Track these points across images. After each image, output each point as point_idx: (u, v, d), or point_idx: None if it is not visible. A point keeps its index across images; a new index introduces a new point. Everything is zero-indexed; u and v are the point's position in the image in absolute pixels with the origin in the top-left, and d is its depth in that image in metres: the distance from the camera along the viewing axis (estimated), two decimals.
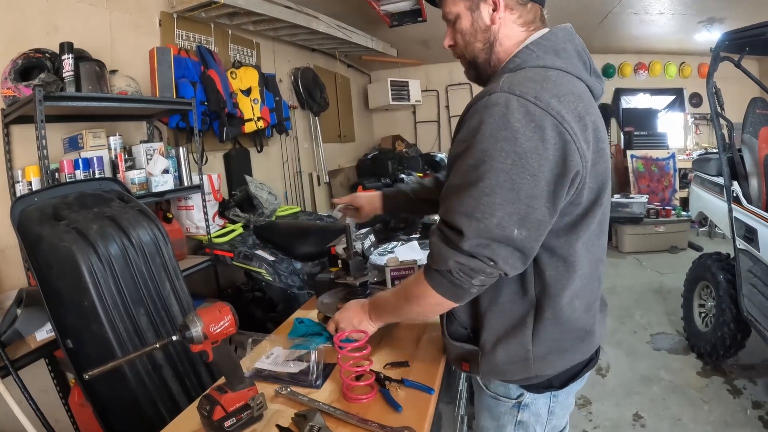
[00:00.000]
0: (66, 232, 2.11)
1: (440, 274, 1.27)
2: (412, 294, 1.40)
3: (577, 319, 1.38)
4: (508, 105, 1.14)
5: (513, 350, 1.36)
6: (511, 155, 1.12)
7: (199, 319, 1.24)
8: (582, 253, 1.31)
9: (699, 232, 8.49)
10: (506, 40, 1.35)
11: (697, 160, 4.82)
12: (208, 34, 4.76)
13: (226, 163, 5.06)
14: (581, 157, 1.18)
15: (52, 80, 2.70)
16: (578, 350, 1.43)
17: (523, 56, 1.29)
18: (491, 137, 1.14)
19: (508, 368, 1.40)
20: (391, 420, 1.30)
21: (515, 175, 1.13)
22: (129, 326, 2.13)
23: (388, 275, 2.25)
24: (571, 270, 1.31)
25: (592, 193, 1.27)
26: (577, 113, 1.18)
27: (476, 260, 1.18)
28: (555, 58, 1.27)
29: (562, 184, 1.17)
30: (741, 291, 3.67)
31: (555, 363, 1.41)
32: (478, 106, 1.19)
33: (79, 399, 2.73)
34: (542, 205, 1.16)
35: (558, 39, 1.32)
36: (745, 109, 3.93)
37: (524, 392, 1.47)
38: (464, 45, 1.39)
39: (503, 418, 1.53)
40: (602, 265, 1.44)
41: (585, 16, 6.75)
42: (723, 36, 3.77)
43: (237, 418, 1.27)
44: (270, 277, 3.53)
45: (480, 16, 1.34)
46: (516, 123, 1.12)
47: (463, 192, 1.18)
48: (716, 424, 3.38)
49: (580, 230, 1.29)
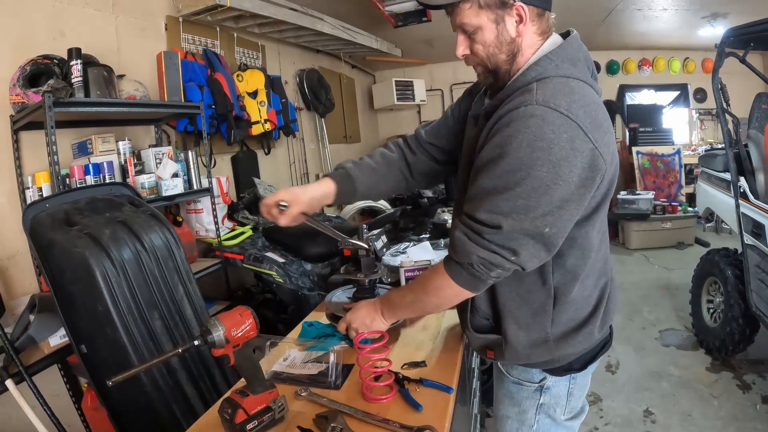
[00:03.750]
0: (78, 237, 2.13)
1: (461, 266, 1.35)
2: (432, 286, 1.46)
3: (588, 296, 1.49)
4: (544, 118, 1.21)
5: (534, 335, 1.46)
6: (546, 164, 1.20)
7: (221, 324, 1.25)
8: (595, 240, 1.43)
9: (706, 228, 8.48)
10: (527, 50, 1.38)
11: (704, 156, 4.81)
12: (213, 37, 4.78)
13: (234, 166, 5.07)
14: (604, 161, 1.26)
15: (61, 86, 2.71)
16: (593, 324, 1.49)
17: (543, 65, 1.33)
18: (528, 147, 1.20)
19: (531, 352, 1.48)
20: (411, 419, 1.30)
21: (549, 182, 1.20)
22: (143, 330, 2.15)
23: (403, 276, 2.26)
24: (587, 255, 1.42)
25: (605, 188, 1.35)
26: (599, 121, 1.26)
27: (497, 255, 1.27)
28: (572, 68, 1.33)
29: (590, 187, 1.26)
30: (749, 286, 3.67)
31: (573, 341, 1.48)
32: (513, 115, 1.25)
33: (92, 403, 2.74)
34: (572, 206, 1.26)
35: (573, 49, 1.37)
36: (751, 105, 3.93)
37: (547, 376, 1.56)
38: (486, 56, 1.40)
39: (525, 403, 1.62)
40: (606, 243, 1.55)
41: (589, 13, 6.76)
42: (728, 32, 3.77)
43: (259, 420, 1.28)
44: (280, 279, 3.54)
45: (505, 29, 1.35)
46: (551, 134, 1.19)
47: (499, 194, 1.24)
48: (726, 419, 3.38)
49: (594, 220, 1.40)
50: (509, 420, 1.67)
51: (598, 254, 1.47)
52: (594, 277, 1.48)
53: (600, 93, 1.40)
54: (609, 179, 1.34)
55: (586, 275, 1.44)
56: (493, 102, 1.38)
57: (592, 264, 1.45)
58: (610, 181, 1.35)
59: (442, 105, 9.75)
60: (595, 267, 1.48)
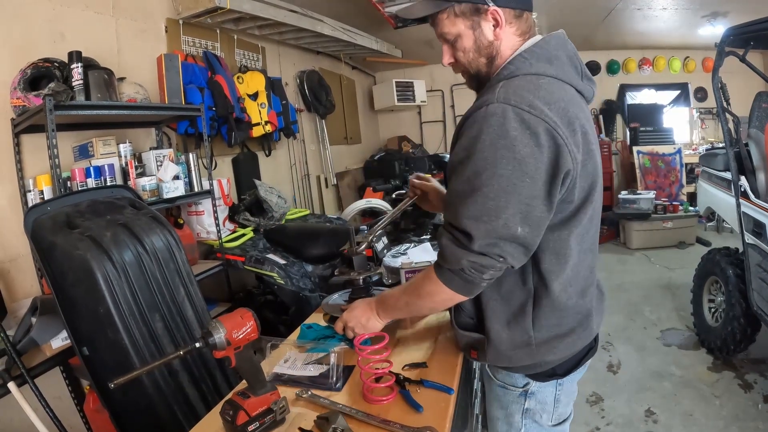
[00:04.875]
0: (80, 239, 2.13)
1: (452, 272, 1.35)
2: (424, 291, 1.47)
3: (574, 305, 1.46)
4: (505, 115, 1.22)
5: (516, 336, 1.45)
6: (511, 162, 1.21)
7: (222, 326, 1.25)
8: (573, 246, 1.40)
9: (707, 227, 8.46)
10: (506, 51, 1.40)
11: (704, 156, 4.81)
12: (214, 39, 4.79)
13: (235, 168, 5.07)
14: (572, 159, 1.26)
15: (62, 89, 2.71)
16: (577, 335, 1.49)
17: (516, 63, 1.35)
18: (491, 146, 1.22)
19: (512, 354, 1.47)
20: (412, 421, 1.30)
21: (516, 179, 1.22)
22: (145, 332, 2.15)
23: (403, 277, 2.26)
24: (562, 261, 1.40)
25: (583, 192, 1.35)
26: (567, 118, 1.26)
27: (487, 257, 1.27)
28: (547, 66, 1.34)
29: (556, 183, 1.26)
30: (750, 285, 3.67)
31: (556, 348, 1.47)
32: (476, 116, 1.27)
33: (93, 405, 2.75)
34: (540, 203, 1.26)
35: (551, 47, 1.38)
36: (751, 104, 3.93)
37: (530, 381, 1.56)
38: (467, 62, 1.44)
39: (511, 407, 1.62)
40: (593, 255, 1.53)
41: (589, 13, 6.77)
42: (728, 31, 3.77)
43: (260, 422, 1.28)
44: (281, 281, 3.54)
45: (482, 34, 1.38)
46: (513, 132, 1.21)
47: (468, 198, 1.26)
48: (728, 419, 3.38)
49: (572, 226, 1.38)
50: (499, 422, 1.68)
51: (582, 263, 1.46)
52: (580, 286, 1.48)
53: (587, 92, 1.41)
54: (587, 183, 1.35)
55: (568, 282, 1.43)
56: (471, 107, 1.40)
57: (574, 271, 1.44)
58: (590, 186, 1.36)
59: (443, 105, 9.77)
60: (580, 275, 1.47)
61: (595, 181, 1.37)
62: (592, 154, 1.35)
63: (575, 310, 1.47)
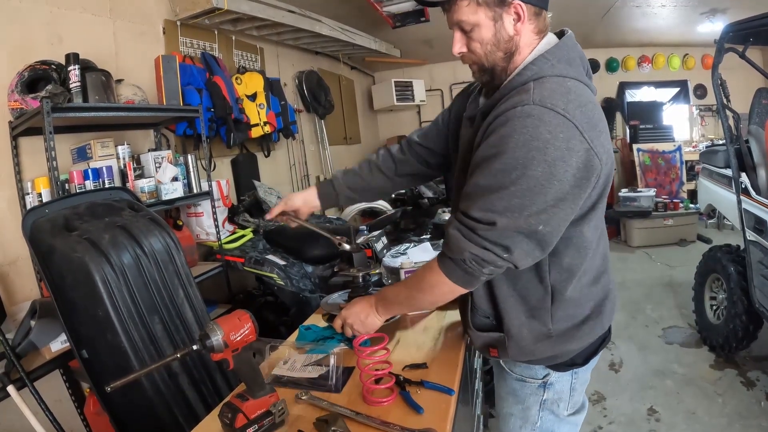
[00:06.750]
0: (78, 242, 2.12)
1: (454, 262, 1.36)
2: (426, 283, 1.48)
3: (588, 293, 1.50)
4: (541, 118, 1.21)
5: (536, 331, 1.48)
6: (542, 163, 1.20)
7: (219, 328, 1.24)
8: (590, 236, 1.44)
9: (707, 225, 8.45)
10: (525, 48, 1.39)
11: (705, 152, 4.81)
12: (212, 40, 4.77)
13: (234, 169, 5.07)
14: (599, 161, 1.27)
15: (60, 91, 2.70)
16: (594, 321, 1.52)
17: (540, 64, 1.33)
18: (524, 146, 1.21)
19: (535, 348, 1.49)
20: (412, 422, 1.30)
21: (544, 181, 1.21)
22: (144, 334, 2.14)
23: (403, 278, 2.25)
24: (584, 254, 1.44)
25: (600, 187, 1.36)
26: (594, 122, 1.27)
27: (489, 252, 1.28)
28: (568, 68, 1.34)
29: (585, 187, 1.28)
30: (752, 282, 3.66)
31: (575, 337, 1.50)
32: (510, 115, 1.25)
33: (94, 408, 2.74)
34: (567, 205, 1.27)
35: (568, 48, 1.38)
36: (751, 100, 3.92)
37: (550, 372, 1.58)
38: (484, 54, 1.40)
39: (529, 400, 1.63)
40: (604, 241, 1.56)
41: (588, 11, 6.76)
42: (727, 27, 3.76)
43: (259, 425, 1.27)
44: (281, 282, 3.53)
45: (503, 27, 1.35)
46: (547, 134, 1.20)
47: (493, 193, 1.25)
48: (731, 416, 3.37)
49: (590, 217, 1.41)
50: (513, 417, 1.68)
51: (596, 252, 1.48)
52: (592, 274, 1.50)
53: (595, 92, 1.40)
54: (604, 179, 1.34)
55: (584, 272, 1.46)
56: (489, 101, 1.39)
57: (590, 262, 1.46)
58: (606, 180, 1.36)
59: (442, 105, 9.70)
60: (594, 264, 1.49)
61: (610, 174, 1.38)
62: (610, 152, 1.36)
63: (589, 297, 1.50)
